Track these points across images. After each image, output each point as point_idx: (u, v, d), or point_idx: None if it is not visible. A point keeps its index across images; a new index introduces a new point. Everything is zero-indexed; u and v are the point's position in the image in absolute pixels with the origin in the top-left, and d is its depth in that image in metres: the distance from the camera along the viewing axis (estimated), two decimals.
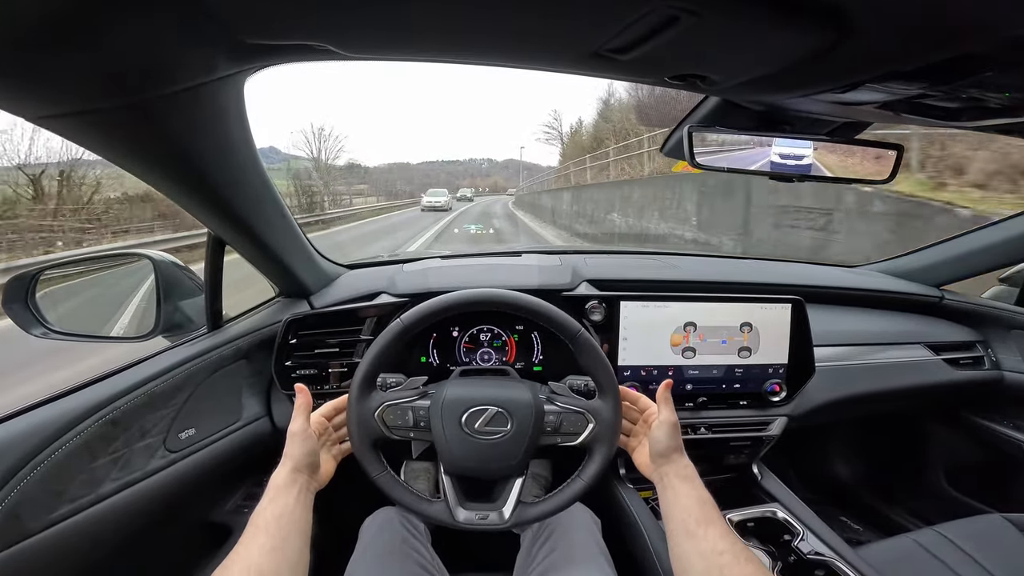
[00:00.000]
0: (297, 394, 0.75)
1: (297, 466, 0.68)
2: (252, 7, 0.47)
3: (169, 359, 0.88)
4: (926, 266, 1.51)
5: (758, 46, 0.57)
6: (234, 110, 0.65)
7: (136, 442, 0.80)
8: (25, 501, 0.65)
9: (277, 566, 0.58)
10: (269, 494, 0.65)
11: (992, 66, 0.56)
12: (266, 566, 0.57)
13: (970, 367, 1.37)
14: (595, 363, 0.78)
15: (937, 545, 1.01)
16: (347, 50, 0.56)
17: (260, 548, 0.58)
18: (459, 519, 0.75)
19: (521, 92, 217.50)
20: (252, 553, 0.58)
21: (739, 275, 1.43)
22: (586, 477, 0.77)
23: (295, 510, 0.64)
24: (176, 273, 0.98)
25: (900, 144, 0.87)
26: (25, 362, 3.34)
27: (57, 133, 0.54)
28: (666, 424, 0.74)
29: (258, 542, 0.59)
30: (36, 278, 0.90)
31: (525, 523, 0.76)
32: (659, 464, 0.73)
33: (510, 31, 0.54)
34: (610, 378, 0.78)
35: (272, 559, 0.58)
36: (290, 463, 0.68)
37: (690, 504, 0.67)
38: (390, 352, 0.79)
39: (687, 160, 0.80)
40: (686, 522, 0.65)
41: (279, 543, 0.59)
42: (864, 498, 1.71)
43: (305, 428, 0.72)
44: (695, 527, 0.64)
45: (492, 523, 0.75)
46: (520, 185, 43.69)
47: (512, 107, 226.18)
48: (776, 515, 1.05)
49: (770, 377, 1.10)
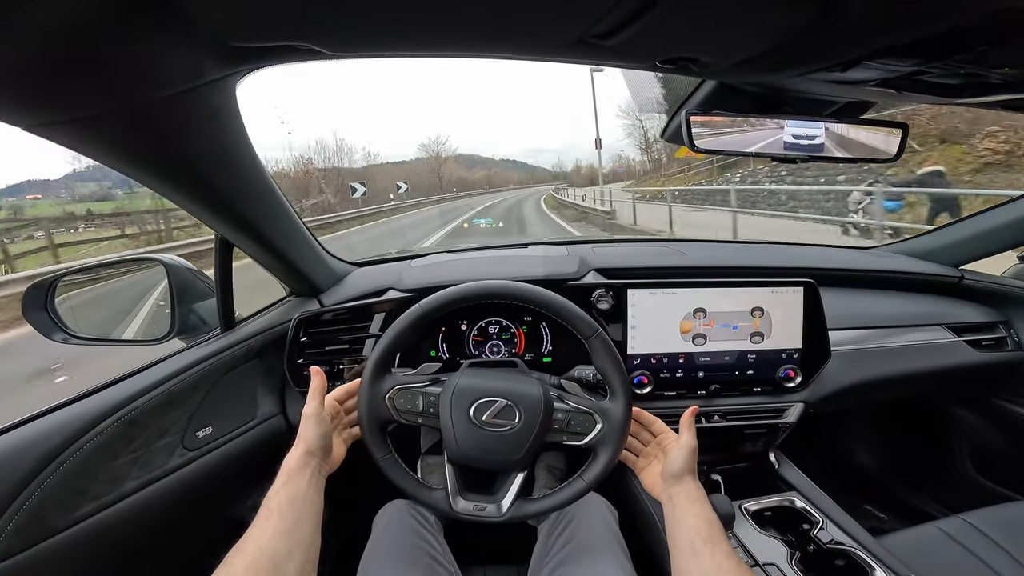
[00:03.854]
0: (312, 376, 0.76)
1: (310, 449, 0.69)
2: (232, 10, 0.47)
3: (185, 359, 0.90)
4: (944, 246, 1.47)
5: (744, 24, 0.56)
6: (227, 113, 0.66)
7: (155, 441, 0.82)
8: (49, 500, 0.67)
9: (289, 548, 0.59)
10: (282, 477, 0.66)
11: (986, 40, 0.56)
12: (279, 548, 0.58)
13: (993, 348, 1.33)
14: (610, 365, 0.78)
15: (964, 533, 0.99)
16: (331, 49, 0.57)
17: (273, 530, 0.59)
18: (457, 509, 0.76)
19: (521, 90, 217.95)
20: (265, 535, 0.59)
21: (749, 260, 1.41)
22: (588, 479, 0.76)
23: (308, 493, 0.65)
24: (188, 276, 1.00)
25: (905, 123, 0.85)
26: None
27: (52, 141, 0.55)
28: (686, 448, 0.75)
29: (271, 524, 0.60)
30: (54, 285, 0.93)
31: (521, 518, 0.77)
32: (670, 484, 0.74)
33: (493, 21, 0.54)
34: (624, 381, 0.77)
35: (285, 541, 0.59)
36: (303, 446, 0.69)
37: (698, 524, 0.67)
38: (406, 336, 0.79)
39: (687, 145, 0.79)
40: (692, 541, 0.65)
41: (291, 526, 0.60)
42: (889, 486, 1.67)
43: (319, 411, 0.72)
44: (701, 546, 0.64)
45: (489, 515, 0.76)
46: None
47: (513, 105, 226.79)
48: (794, 504, 1.03)
49: (784, 362, 1.08)
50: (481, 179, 78.14)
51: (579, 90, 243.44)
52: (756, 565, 0.87)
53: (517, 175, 72.99)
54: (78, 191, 26.22)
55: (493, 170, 74.28)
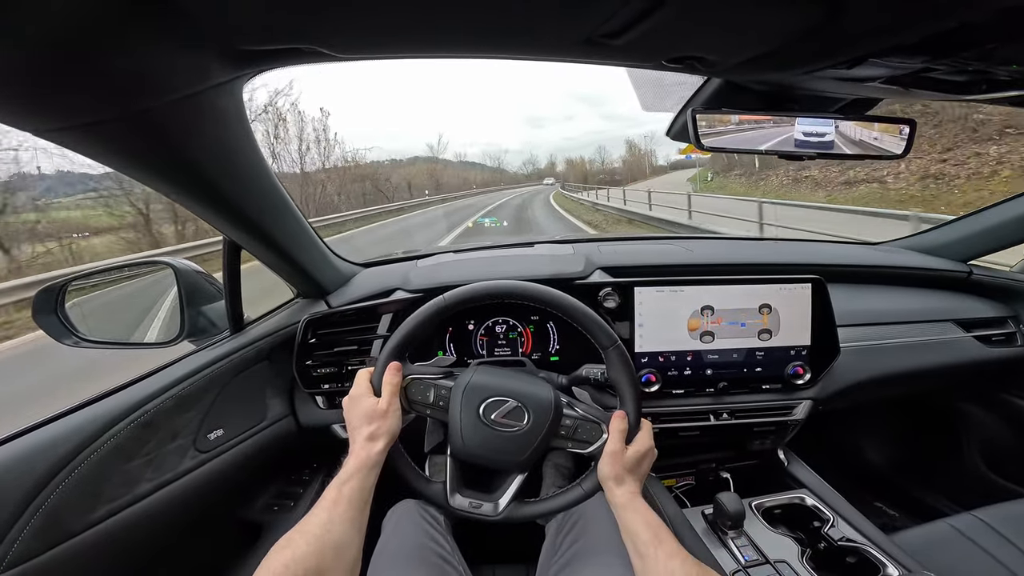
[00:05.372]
0: (390, 373, 0.76)
1: (390, 442, 0.72)
2: (238, 14, 0.48)
3: (195, 362, 0.91)
4: (952, 241, 1.46)
5: (750, 23, 0.56)
6: (234, 116, 0.66)
7: (168, 443, 0.83)
8: (65, 502, 0.68)
9: (351, 536, 0.62)
10: (355, 465, 0.68)
11: (994, 37, 0.55)
12: (344, 535, 0.60)
13: (1003, 344, 1.32)
14: (624, 378, 0.78)
15: (975, 530, 0.98)
16: (337, 51, 0.57)
17: (341, 517, 0.62)
18: (453, 504, 0.77)
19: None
20: (334, 520, 0.61)
21: (756, 257, 1.40)
22: (586, 487, 0.77)
23: (373, 486, 0.68)
24: (197, 279, 1.01)
25: (913, 119, 0.85)
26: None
27: (63, 145, 0.55)
28: (606, 454, 0.74)
29: (339, 510, 0.62)
30: (64, 289, 0.94)
31: (516, 519, 0.77)
32: (607, 491, 0.74)
33: (501, 23, 0.54)
34: (635, 395, 0.77)
35: (349, 528, 0.62)
36: (385, 439, 0.71)
37: (636, 528, 0.67)
38: (424, 328, 0.79)
39: (692, 143, 0.79)
40: (636, 545, 0.67)
41: (356, 514, 0.63)
42: (899, 483, 1.66)
43: (398, 406, 0.75)
44: (644, 549, 0.65)
45: (484, 513, 0.77)
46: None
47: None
48: (805, 501, 1.03)
49: (793, 359, 1.08)
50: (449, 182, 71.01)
51: (539, 86, 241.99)
52: (767, 563, 0.87)
53: (481, 175, 69.22)
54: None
55: (449, 170, 67.90)
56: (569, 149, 75.77)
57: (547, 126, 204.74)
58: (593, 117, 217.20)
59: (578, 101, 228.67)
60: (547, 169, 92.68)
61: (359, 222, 19.09)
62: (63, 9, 0.38)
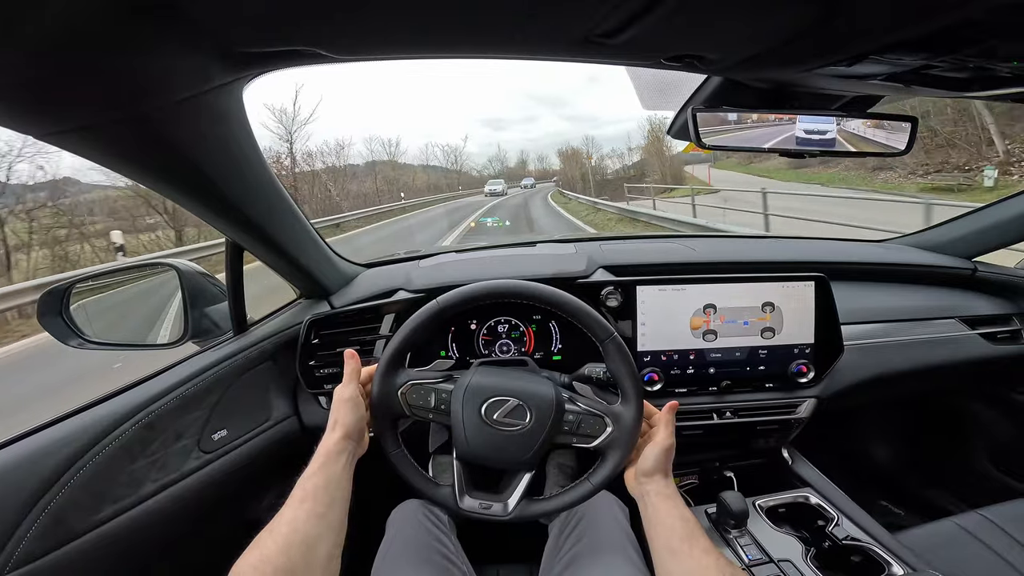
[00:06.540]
0: (346, 360, 0.76)
1: (348, 433, 0.69)
2: (238, 16, 0.48)
3: (199, 363, 0.91)
4: (957, 238, 1.46)
5: (749, 21, 0.56)
6: (235, 118, 0.66)
7: (172, 444, 0.83)
8: (70, 503, 0.68)
9: (321, 531, 0.59)
10: (319, 460, 0.66)
11: (994, 34, 0.55)
12: (311, 531, 0.58)
13: (1008, 341, 1.32)
14: (623, 369, 0.78)
15: (981, 529, 0.98)
16: (337, 53, 0.57)
17: (307, 513, 0.60)
18: (463, 506, 0.76)
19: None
20: (299, 517, 0.59)
21: (759, 255, 1.40)
22: (595, 481, 0.76)
23: (341, 478, 0.65)
24: (200, 280, 1.01)
25: (915, 116, 0.85)
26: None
27: (65, 149, 0.56)
28: (659, 446, 0.73)
29: (305, 507, 0.60)
30: (68, 291, 0.94)
31: (527, 518, 0.77)
32: (642, 483, 0.73)
33: (499, 23, 0.54)
34: (636, 385, 0.77)
35: (317, 524, 0.59)
36: (341, 430, 0.68)
37: (672, 522, 0.66)
38: (421, 332, 0.79)
39: (693, 141, 0.78)
40: (669, 540, 0.65)
41: (325, 509, 0.61)
42: (904, 481, 1.65)
43: (355, 395, 0.72)
44: (678, 544, 0.64)
45: (494, 514, 0.76)
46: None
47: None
48: (809, 500, 1.02)
49: (796, 358, 1.08)
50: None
51: (497, 89, 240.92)
52: (771, 561, 0.87)
53: (432, 177, 63.72)
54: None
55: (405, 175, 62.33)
56: (532, 151, 74.75)
57: (508, 128, 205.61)
58: (554, 118, 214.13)
59: (538, 103, 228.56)
60: (518, 168, 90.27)
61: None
62: (63, 11, 0.38)
